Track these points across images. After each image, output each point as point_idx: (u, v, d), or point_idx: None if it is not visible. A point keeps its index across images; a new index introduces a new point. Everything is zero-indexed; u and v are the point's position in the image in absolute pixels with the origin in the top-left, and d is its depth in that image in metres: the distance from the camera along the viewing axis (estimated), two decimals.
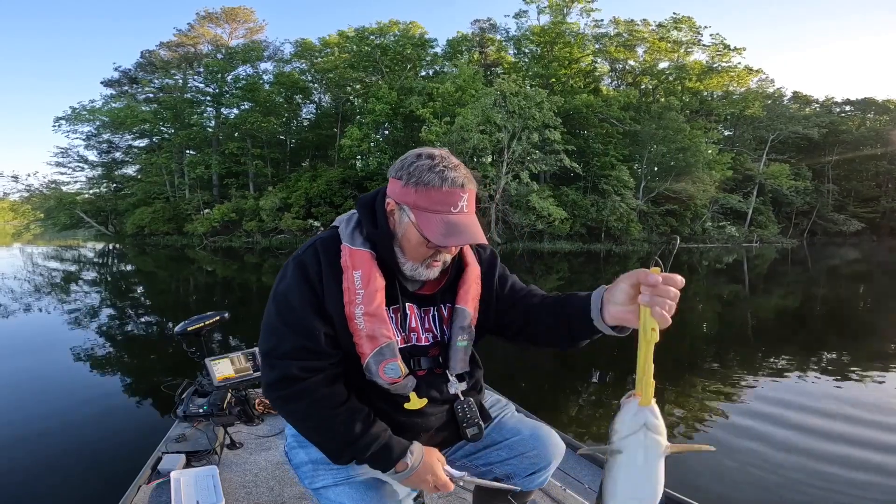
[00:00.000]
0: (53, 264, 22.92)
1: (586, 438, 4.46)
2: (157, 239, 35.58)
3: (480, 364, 1.64)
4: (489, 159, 31.07)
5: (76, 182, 44.03)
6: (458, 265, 1.51)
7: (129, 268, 22.90)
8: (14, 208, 52.96)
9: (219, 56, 39.70)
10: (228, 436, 3.04)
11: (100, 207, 41.34)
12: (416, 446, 1.39)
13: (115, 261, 25.87)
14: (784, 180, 38.68)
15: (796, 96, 47.30)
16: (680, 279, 0.98)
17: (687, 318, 11.38)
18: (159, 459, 2.77)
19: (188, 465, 2.76)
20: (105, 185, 44.65)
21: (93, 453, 4.13)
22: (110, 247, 34.52)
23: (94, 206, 41.36)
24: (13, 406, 5.21)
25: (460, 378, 1.51)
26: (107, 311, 11.06)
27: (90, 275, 19.41)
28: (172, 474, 2.55)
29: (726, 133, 44.07)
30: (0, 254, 29.15)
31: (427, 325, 1.48)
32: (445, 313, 1.50)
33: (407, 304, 1.44)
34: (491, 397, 1.74)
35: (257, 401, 3.45)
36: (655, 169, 36.60)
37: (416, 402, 1.42)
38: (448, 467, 1.44)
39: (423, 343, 1.46)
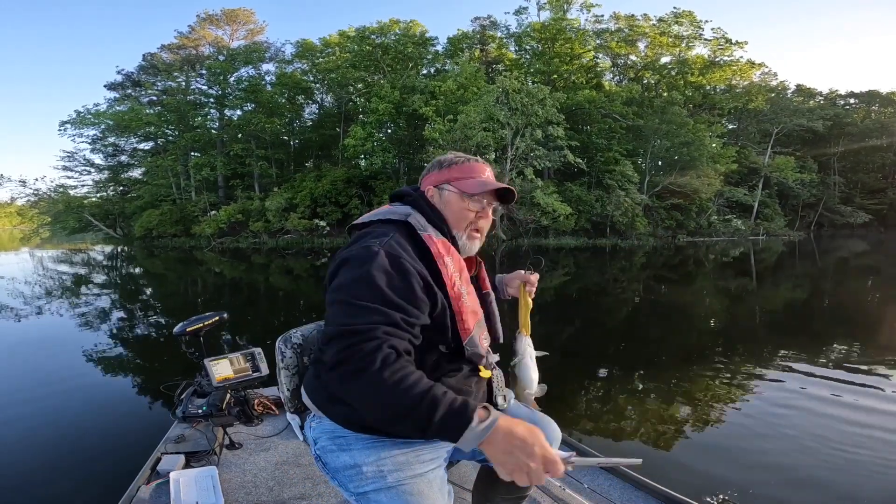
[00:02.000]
0: (63, 267, 23.04)
1: (592, 434, 4.48)
2: (165, 241, 35.74)
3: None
4: (493, 156, 31.09)
5: (83, 186, 44.17)
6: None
7: (137, 270, 23.00)
8: (22, 212, 53.13)
9: (220, 58, 39.78)
10: (228, 436, 3.05)
11: (107, 210, 41.47)
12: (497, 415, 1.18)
13: (124, 263, 25.98)
14: (789, 173, 38.52)
15: (800, 89, 47.08)
16: (536, 277, 1.89)
17: (695, 312, 11.38)
18: (158, 460, 2.78)
19: (187, 465, 2.77)
20: (112, 188, 44.72)
21: (92, 454, 4.12)
22: (119, 249, 34.67)
23: (102, 209, 41.48)
24: (13, 406, 5.23)
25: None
26: (113, 313, 11.10)
27: (99, 277, 19.50)
28: (172, 475, 2.56)
29: (730, 126, 43.91)
30: (9, 258, 29.32)
31: (476, 301, 1.59)
32: (483, 292, 1.70)
33: (468, 286, 1.56)
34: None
35: (256, 401, 3.46)
36: (659, 163, 36.52)
37: (485, 372, 1.59)
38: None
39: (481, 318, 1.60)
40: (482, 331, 1.54)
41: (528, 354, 1.77)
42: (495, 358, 1.64)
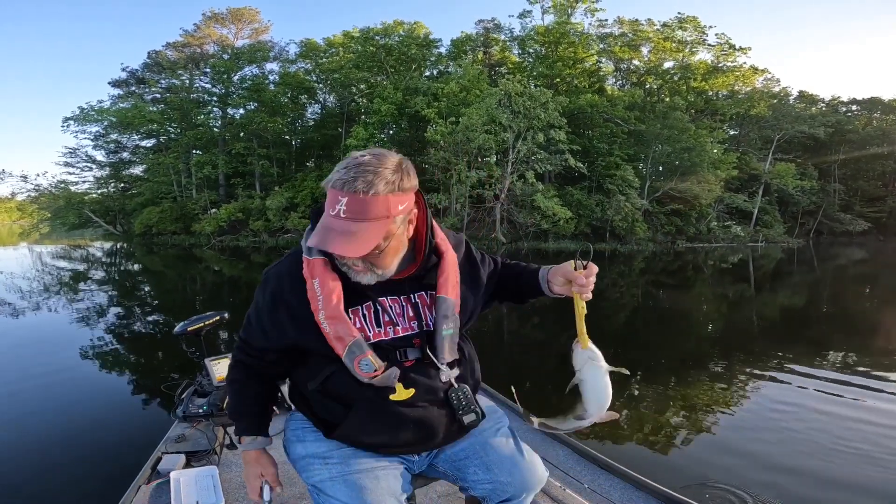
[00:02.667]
0: (62, 263, 23.07)
1: (592, 435, 4.48)
2: (164, 238, 35.78)
3: (473, 353, 1.67)
4: (494, 159, 31.11)
5: (84, 182, 44.18)
6: (435, 253, 1.52)
7: (136, 267, 23.02)
8: (21, 208, 53.09)
9: (225, 56, 39.80)
10: (228, 436, 3.04)
11: (108, 207, 41.50)
12: (254, 447, 1.65)
13: (123, 260, 26.01)
14: (790, 180, 38.46)
15: (802, 96, 47.05)
16: (594, 270, 1.43)
17: (693, 318, 11.41)
18: (159, 459, 2.79)
19: (188, 465, 2.77)
20: (113, 184, 44.74)
21: (92, 453, 4.13)
22: (118, 246, 34.69)
23: (103, 205, 41.51)
24: (14, 405, 5.23)
25: (451, 366, 1.51)
26: (112, 311, 11.12)
27: (98, 274, 19.53)
28: (172, 474, 2.56)
29: (731, 132, 43.82)
30: (8, 253, 29.32)
31: (410, 314, 1.49)
32: (428, 301, 1.51)
33: (380, 299, 1.46)
34: (487, 405, 1.69)
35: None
36: (660, 168, 36.48)
37: (402, 393, 1.45)
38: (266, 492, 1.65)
39: (404, 333, 1.47)
40: (358, 355, 1.39)
41: (586, 371, 1.51)
42: (453, 374, 1.51)
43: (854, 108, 49.17)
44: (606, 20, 40.86)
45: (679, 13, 39.56)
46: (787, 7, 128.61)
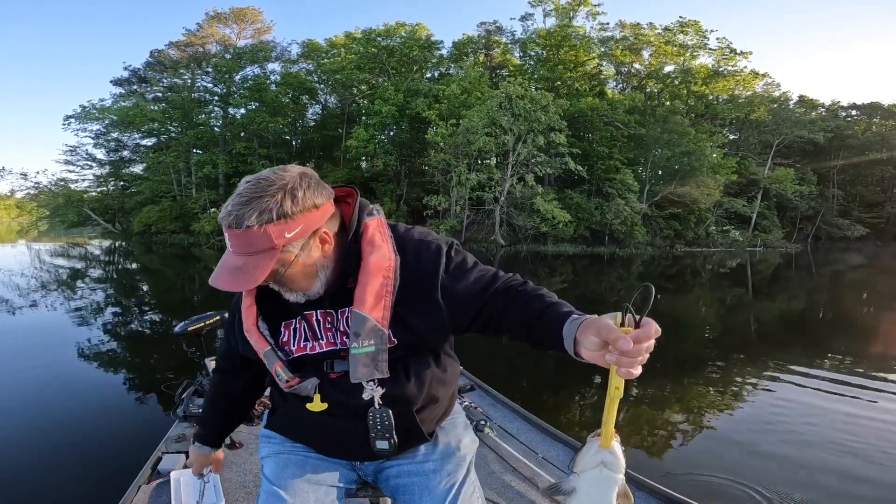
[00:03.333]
0: (60, 261, 23.06)
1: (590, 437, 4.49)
2: (163, 237, 35.75)
3: (435, 373, 1.49)
4: (494, 161, 31.13)
5: (84, 180, 44.23)
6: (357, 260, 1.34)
7: (134, 266, 23.02)
8: (20, 205, 53.02)
9: (227, 56, 39.80)
10: (228, 436, 3.05)
11: (107, 205, 41.48)
12: (203, 452, 1.74)
13: (122, 258, 25.99)
14: (789, 185, 38.46)
15: (802, 100, 47.00)
16: (653, 332, 0.97)
17: (690, 322, 11.43)
18: (159, 459, 2.80)
19: (188, 465, 2.71)
20: (112, 183, 44.77)
21: (93, 453, 4.12)
22: (116, 244, 34.68)
23: (102, 203, 41.49)
24: (13, 404, 5.22)
25: (385, 383, 1.38)
26: (110, 310, 11.13)
27: (96, 272, 19.53)
28: (172, 474, 2.57)
29: (731, 137, 43.84)
30: (6, 250, 29.31)
31: (340, 328, 1.39)
32: (349, 316, 1.35)
33: (307, 313, 1.40)
34: (451, 446, 1.56)
35: (257, 401, 3.45)
36: (660, 172, 36.45)
37: (316, 405, 1.43)
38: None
39: (328, 348, 1.40)
40: (272, 365, 1.40)
41: (590, 480, 1.08)
42: (377, 392, 1.38)
43: (854, 112, 49.16)
44: (608, 24, 40.87)
45: (680, 17, 39.64)
46: (789, 12, 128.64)
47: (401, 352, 1.38)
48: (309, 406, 1.43)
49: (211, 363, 3.16)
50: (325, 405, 1.42)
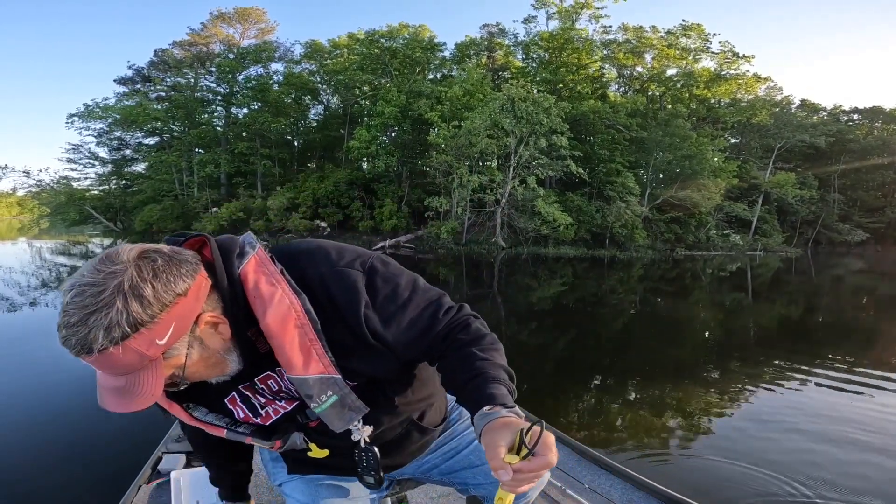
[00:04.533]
0: (61, 259, 23.09)
1: (588, 442, 4.52)
2: (164, 236, 35.62)
3: (412, 392, 1.36)
4: (495, 163, 31.15)
5: (86, 178, 44.47)
6: (249, 323, 1.09)
7: None
8: (21, 203, 53.08)
9: (230, 56, 39.87)
10: None
11: (109, 204, 41.58)
12: None
13: None
14: (790, 189, 38.40)
15: (804, 104, 47.00)
16: (541, 466, 0.87)
17: (689, 326, 11.46)
18: (159, 459, 2.79)
19: (188, 464, 2.75)
20: (115, 181, 44.94)
21: (92, 453, 4.10)
22: (118, 243, 34.61)
23: (104, 202, 41.60)
24: (12, 404, 5.21)
25: (369, 418, 1.25)
26: None
27: None
28: (173, 474, 2.54)
29: (733, 141, 43.83)
30: (6, 248, 29.36)
31: (290, 385, 1.20)
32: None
33: (241, 386, 1.23)
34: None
35: None
36: (661, 176, 36.46)
37: (317, 452, 1.33)
38: None
39: (290, 407, 1.26)
40: (244, 439, 1.26)
41: None
42: (365, 432, 1.24)
43: (856, 117, 49.09)
44: (611, 26, 40.87)
45: (683, 20, 39.59)
46: (791, 17, 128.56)
47: (364, 385, 1.22)
48: (311, 454, 1.34)
49: None
50: (327, 451, 1.33)
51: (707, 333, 10.60)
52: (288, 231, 32.98)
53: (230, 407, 1.24)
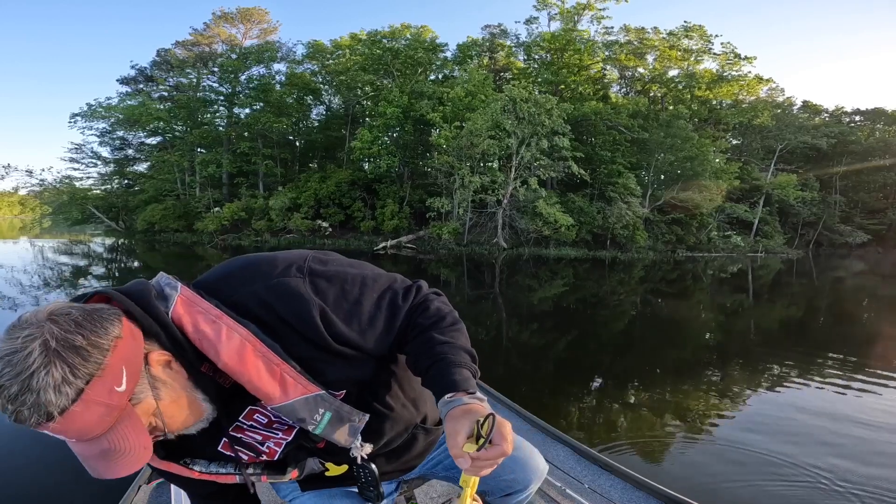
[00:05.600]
0: (63, 258, 23.12)
1: (588, 443, 4.52)
2: (167, 236, 35.83)
3: (404, 395, 1.33)
4: (497, 164, 31.17)
5: (89, 178, 44.56)
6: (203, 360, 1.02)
7: (137, 264, 23.08)
8: (23, 202, 53.18)
9: (233, 56, 39.91)
10: None
11: (111, 203, 41.61)
12: None
13: (125, 256, 26.06)
14: (791, 191, 38.41)
15: (806, 106, 47.03)
16: (495, 455, 0.92)
17: (690, 328, 11.47)
18: None
19: None
20: (117, 181, 45.04)
21: None
22: (119, 242, 34.76)
23: (106, 201, 41.63)
24: None
25: (368, 433, 1.21)
26: None
27: (98, 269, 19.58)
28: None
29: (734, 142, 43.85)
30: (9, 247, 29.41)
31: (273, 420, 1.17)
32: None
33: (232, 430, 1.17)
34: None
35: None
36: (662, 177, 36.49)
37: (335, 470, 1.32)
38: None
39: (289, 437, 1.20)
40: (257, 480, 1.23)
41: None
42: (365, 450, 1.20)
43: (857, 118, 49.10)
44: (612, 28, 40.99)
45: (685, 22, 39.57)
46: (794, 19, 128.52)
47: (353, 393, 1.18)
48: (328, 474, 1.32)
49: None
50: (346, 466, 1.31)
51: (708, 335, 10.61)
52: (290, 231, 33.03)
53: (229, 454, 1.18)
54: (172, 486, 2.45)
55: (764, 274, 24.94)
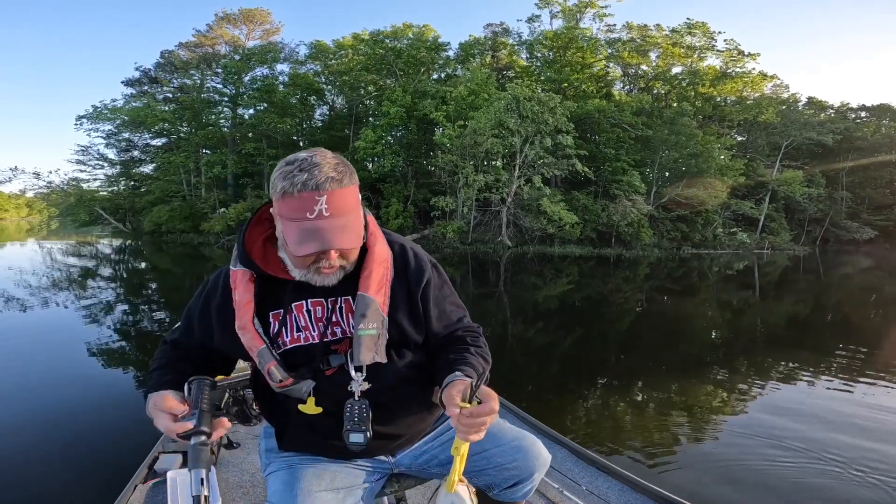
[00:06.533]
0: (71, 260, 23.23)
1: (590, 443, 4.47)
2: (173, 237, 36.00)
3: (419, 371, 1.52)
4: (501, 163, 31.13)
5: (95, 180, 44.85)
6: (362, 252, 1.41)
7: (144, 265, 23.17)
8: (30, 204, 53.42)
9: (236, 57, 39.98)
10: (226, 436, 3.04)
11: (118, 205, 41.85)
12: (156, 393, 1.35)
13: (132, 258, 26.16)
14: (797, 187, 38.21)
15: (811, 102, 46.77)
16: (486, 411, 1.19)
17: (696, 324, 11.43)
18: (156, 459, 2.81)
19: (185, 464, 2.65)
20: (123, 182, 45.28)
21: (89, 452, 4.11)
22: (127, 243, 34.92)
23: (113, 203, 41.87)
24: (10, 403, 5.22)
25: (377, 370, 1.41)
26: (117, 308, 11.18)
27: (106, 271, 19.66)
28: (169, 474, 2.54)
29: (739, 139, 43.59)
30: (16, 249, 29.54)
31: (333, 319, 1.41)
32: (353, 303, 1.40)
33: (297, 304, 1.41)
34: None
35: (255, 401, 3.45)
36: (667, 174, 36.38)
37: (309, 408, 1.40)
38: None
39: (330, 338, 1.41)
40: (266, 364, 1.36)
41: None
42: (363, 386, 1.40)
43: (863, 114, 48.80)
44: (615, 25, 40.67)
45: (688, 19, 39.40)
46: (796, 20, 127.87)
47: (392, 338, 1.43)
48: (301, 408, 1.41)
49: None
50: (320, 409, 1.41)
51: (713, 333, 10.55)
52: None
53: (270, 319, 1.41)
54: (169, 486, 2.46)
55: (771, 271, 24.85)
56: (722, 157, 36.01)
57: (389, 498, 1.71)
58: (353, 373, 1.39)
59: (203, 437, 1.26)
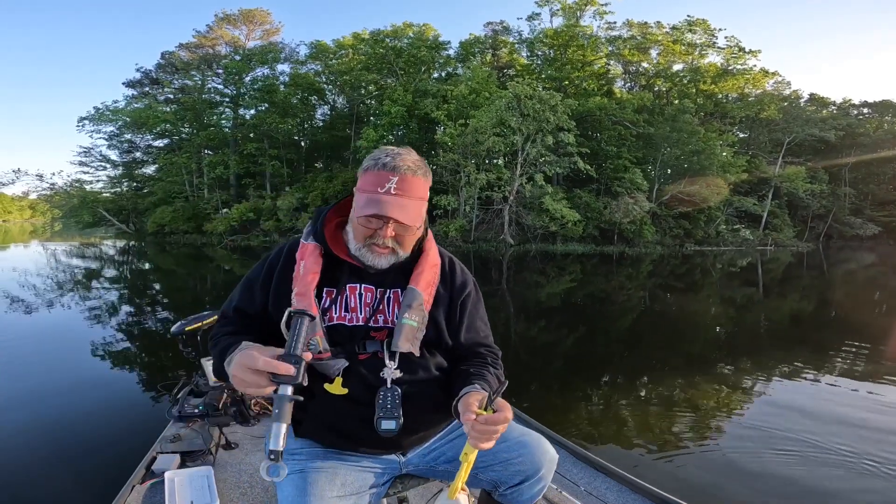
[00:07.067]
0: (75, 261, 23.23)
1: (590, 442, 4.49)
2: (176, 237, 36.11)
3: (446, 359, 1.62)
4: (502, 161, 31.11)
5: (98, 181, 45.04)
6: (417, 253, 1.58)
7: (147, 266, 23.17)
8: (34, 206, 53.60)
9: (237, 57, 40.05)
10: (224, 436, 3.03)
11: (121, 206, 42.05)
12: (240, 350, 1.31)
13: (135, 258, 26.17)
14: (800, 183, 38.16)
15: (813, 98, 46.70)
16: (500, 420, 1.26)
17: (699, 321, 11.39)
18: (154, 459, 2.78)
19: (183, 465, 2.76)
20: (126, 183, 45.44)
21: (86, 453, 4.07)
22: (130, 244, 34.97)
23: (116, 204, 42.08)
24: (8, 403, 5.19)
25: (405, 362, 1.49)
26: (119, 308, 11.11)
27: (110, 272, 19.67)
28: (167, 474, 2.54)
29: (741, 135, 43.51)
30: (20, 251, 29.60)
31: (379, 307, 1.53)
32: (401, 296, 1.53)
33: (351, 286, 1.53)
34: None
35: (253, 401, 3.44)
36: (669, 171, 36.35)
37: (336, 387, 1.44)
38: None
39: (372, 324, 1.51)
40: (312, 333, 1.38)
41: None
42: (394, 374, 1.48)
43: (865, 111, 48.78)
44: (615, 23, 40.68)
45: (689, 16, 39.42)
46: (798, 20, 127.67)
47: (427, 336, 1.53)
48: (328, 387, 1.45)
49: (207, 363, 3.19)
50: (346, 390, 1.46)
51: (717, 331, 10.49)
52: (298, 231, 33.03)
53: (324, 295, 1.51)
54: (166, 487, 2.46)
55: (774, 267, 24.77)
56: (724, 153, 35.97)
57: (391, 500, 1.72)
58: (386, 360, 1.49)
59: (290, 390, 1.18)
